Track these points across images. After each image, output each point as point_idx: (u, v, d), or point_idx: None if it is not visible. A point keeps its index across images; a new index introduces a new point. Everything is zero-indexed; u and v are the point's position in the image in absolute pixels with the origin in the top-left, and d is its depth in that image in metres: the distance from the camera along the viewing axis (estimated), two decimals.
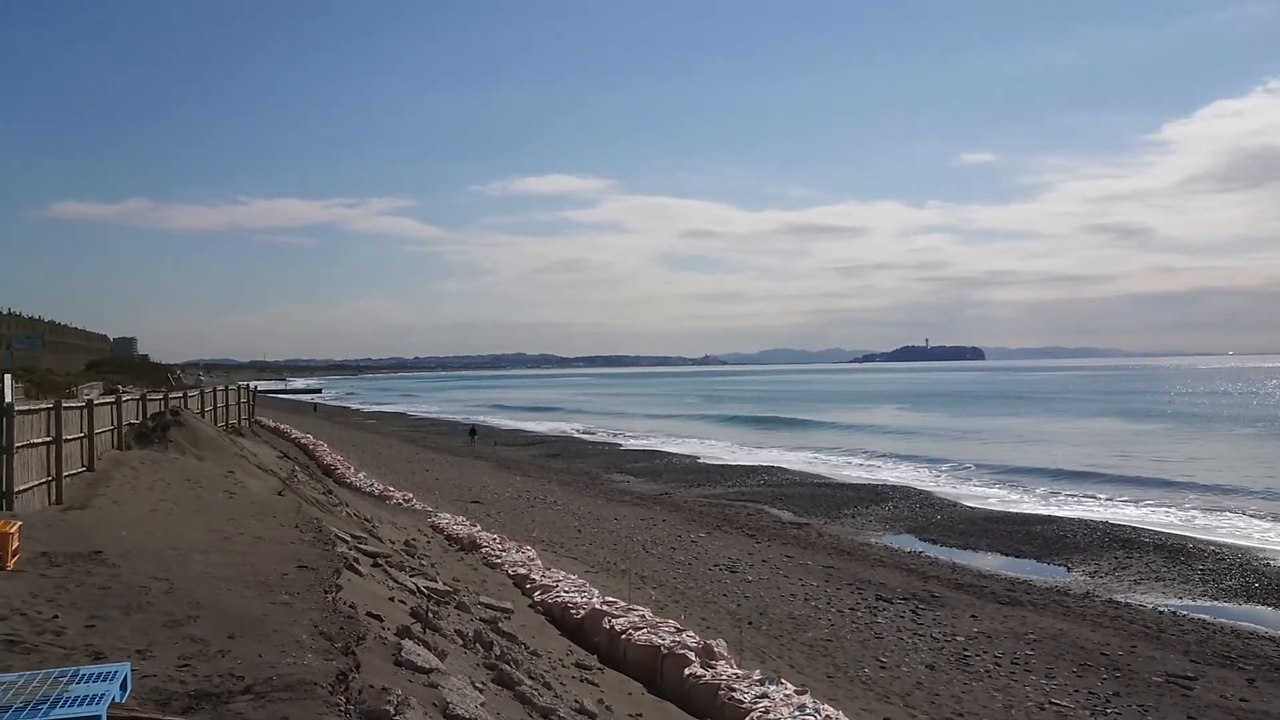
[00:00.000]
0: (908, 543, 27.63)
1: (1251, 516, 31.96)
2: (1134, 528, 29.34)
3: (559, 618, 14.51)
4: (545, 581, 16.34)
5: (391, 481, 32.26)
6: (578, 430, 78.60)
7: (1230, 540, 27.48)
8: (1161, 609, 19.93)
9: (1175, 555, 25.19)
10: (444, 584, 13.40)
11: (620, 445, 63.05)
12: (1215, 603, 20.74)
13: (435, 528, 22.08)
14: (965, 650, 15.96)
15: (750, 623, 16.86)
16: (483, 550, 19.42)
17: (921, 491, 37.89)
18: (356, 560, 11.69)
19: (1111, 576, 23.12)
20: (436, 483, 36.57)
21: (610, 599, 14.75)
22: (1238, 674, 15.32)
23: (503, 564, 18.06)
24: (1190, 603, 20.68)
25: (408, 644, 7.80)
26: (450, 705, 6.64)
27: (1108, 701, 13.59)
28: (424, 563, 15.76)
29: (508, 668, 9.16)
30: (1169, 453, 54.94)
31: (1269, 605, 20.46)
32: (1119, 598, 20.90)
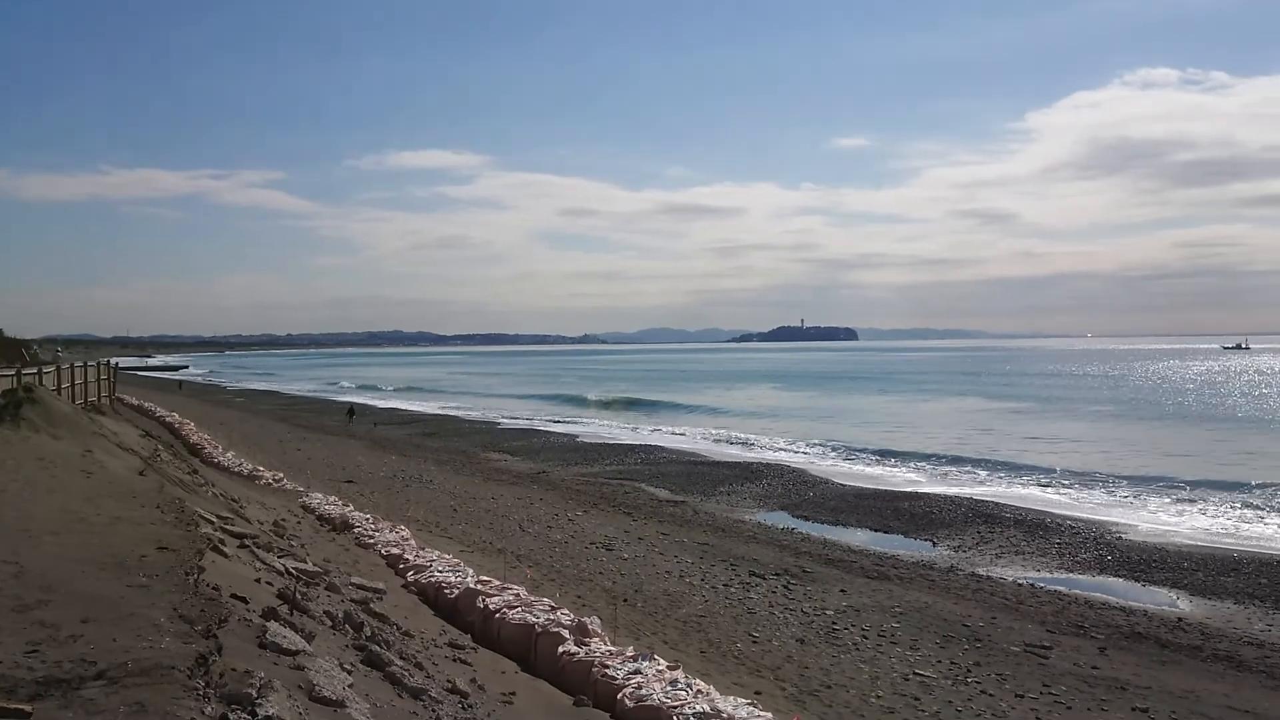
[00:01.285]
0: (781, 519, 28.13)
1: (1105, 492, 33.40)
2: (996, 503, 30.39)
3: (432, 598, 14.37)
4: (419, 561, 16.16)
5: (261, 461, 31.49)
6: (455, 409, 77.84)
7: (1085, 515, 28.67)
8: (1020, 581, 20.70)
9: (1034, 530, 26.18)
10: (314, 565, 13.13)
11: (498, 424, 62.69)
12: (1070, 575, 21.63)
13: (306, 508, 21.64)
14: (834, 624, 16.33)
15: (625, 600, 16.96)
16: (355, 530, 19.10)
17: (795, 469, 38.58)
18: (222, 541, 11.37)
19: (974, 551, 23.91)
20: (309, 462, 35.84)
21: (485, 578, 14.66)
22: (1090, 642, 16.00)
23: (375, 544, 17.80)
24: (1047, 575, 21.52)
25: (273, 626, 7.62)
26: (316, 687, 6.51)
27: (969, 671, 14.05)
28: (293, 544, 15.43)
29: (378, 649, 9.03)
30: (1030, 431, 57.00)
31: (1120, 577, 21.43)
32: (981, 571, 21.63)
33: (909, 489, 33.71)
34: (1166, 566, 22.08)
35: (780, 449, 47.44)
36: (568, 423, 64.61)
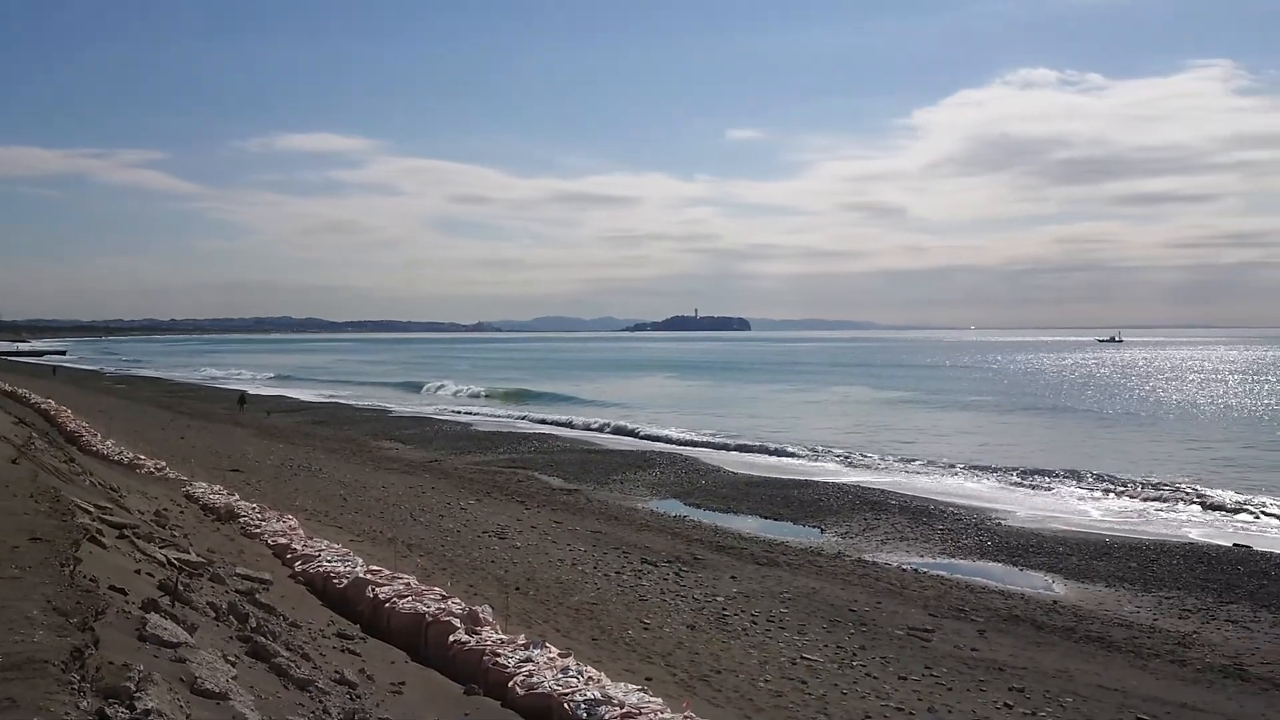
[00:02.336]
0: (673, 507, 28.35)
1: (986, 480, 34.41)
2: (883, 491, 31.08)
3: (321, 588, 14.15)
4: (307, 551, 15.90)
5: (143, 449, 30.58)
6: (345, 397, 76.60)
7: (967, 503, 29.50)
8: (905, 567, 21.23)
9: (918, 516, 26.85)
10: (197, 555, 12.83)
11: (390, 412, 61.88)
12: (952, 560, 22.26)
13: (189, 497, 21.11)
14: (725, 610, 16.53)
15: (517, 588, 16.93)
16: (241, 520, 18.70)
17: (688, 458, 38.88)
18: (100, 531, 11.04)
19: (861, 537, 24.43)
20: (193, 450, 34.94)
21: (375, 568, 14.49)
22: (970, 625, 16.49)
23: (262, 534, 17.45)
24: (930, 560, 22.11)
25: (154, 618, 7.44)
26: (199, 680, 6.39)
27: (854, 655, 14.37)
28: (176, 534, 15.04)
29: (264, 640, 8.88)
30: (916, 421, 58.43)
31: (999, 562, 22.12)
32: (867, 557, 22.11)
33: (799, 477, 34.24)
34: (1043, 551, 22.85)
35: (673, 438, 47.74)
36: (461, 410, 64.11)
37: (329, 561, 15.04)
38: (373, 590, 13.13)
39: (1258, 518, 27.45)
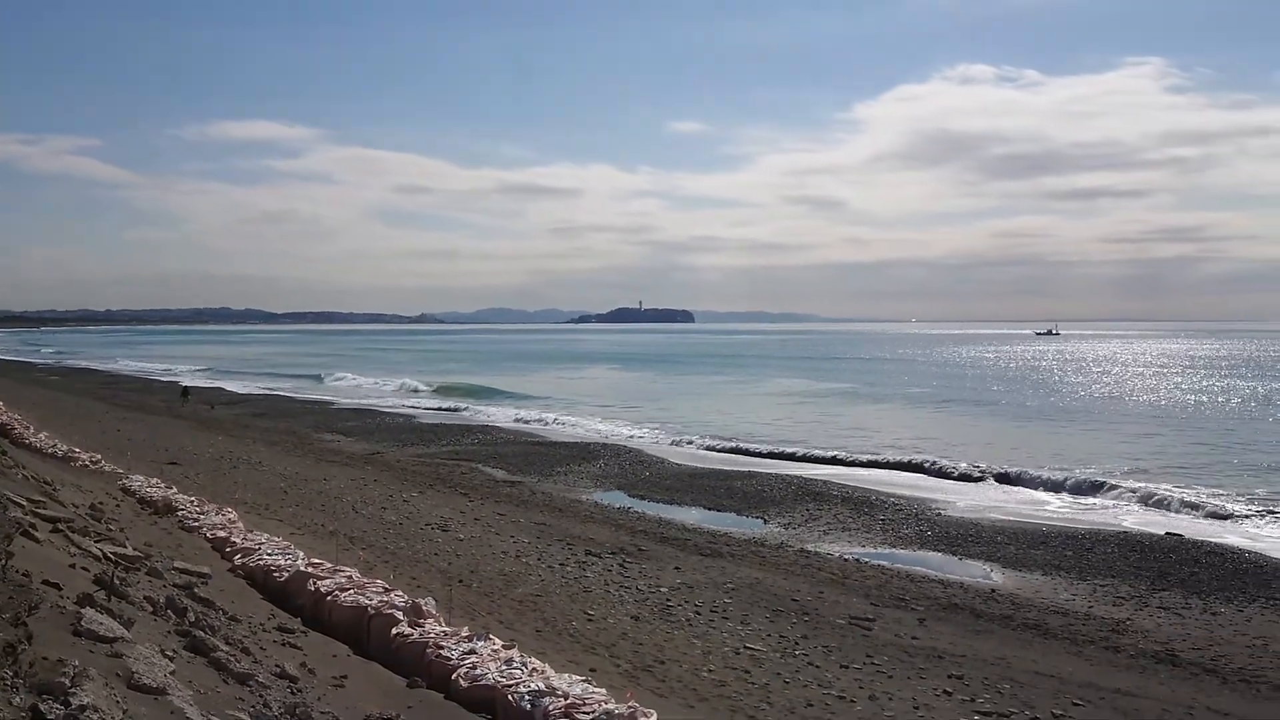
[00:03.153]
0: (618, 499, 28.40)
1: (926, 470, 34.85)
2: (825, 482, 31.36)
3: (261, 581, 13.99)
4: (246, 544, 15.70)
5: (78, 442, 29.98)
6: (286, 389, 75.67)
7: (907, 493, 29.87)
8: (846, 557, 21.45)
9: (860, 507, 27.14)
10: (134, 549, 12.62)
11: (331, 404, 61.24)
12: (893, 550, 22.54)
13: (126, 490, 20.74)
14: (668, 601, 16.60)
15: (461, 581, 16.86)
16: (179, 513, 18.41)
17: (632, 449, 38.96)
18: (33, 525, 10.83)
19: (803, 528, 24.64)
20: (129, 443, 34.32)
21: (316, 560, 14.36)
22: (910, 614, 16.71)
23: (201, 527, 17.21)
24: (872, 550, 22.36)
25: (89, 613, 7.32)
26: (135, 675, 6.30)
27: (796, 644, 14.50)
28: (112, 528, 14.78)
29: (202, 634, 8.76)
30: (858, 413, 58.99)
31: (939, 551, 22.43)
32: (810, 547, 22.31)
33: (742, 468, 34.46)
34: (982, 541, 23.21)
35: (618, 429, 47.79)
36: (403, 402, 63.63)
37: (269, 555, 14.86)
38: (314, 583, 13.01)
39: (1190, 507, 28.05)
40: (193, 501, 19.56)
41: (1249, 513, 27.02)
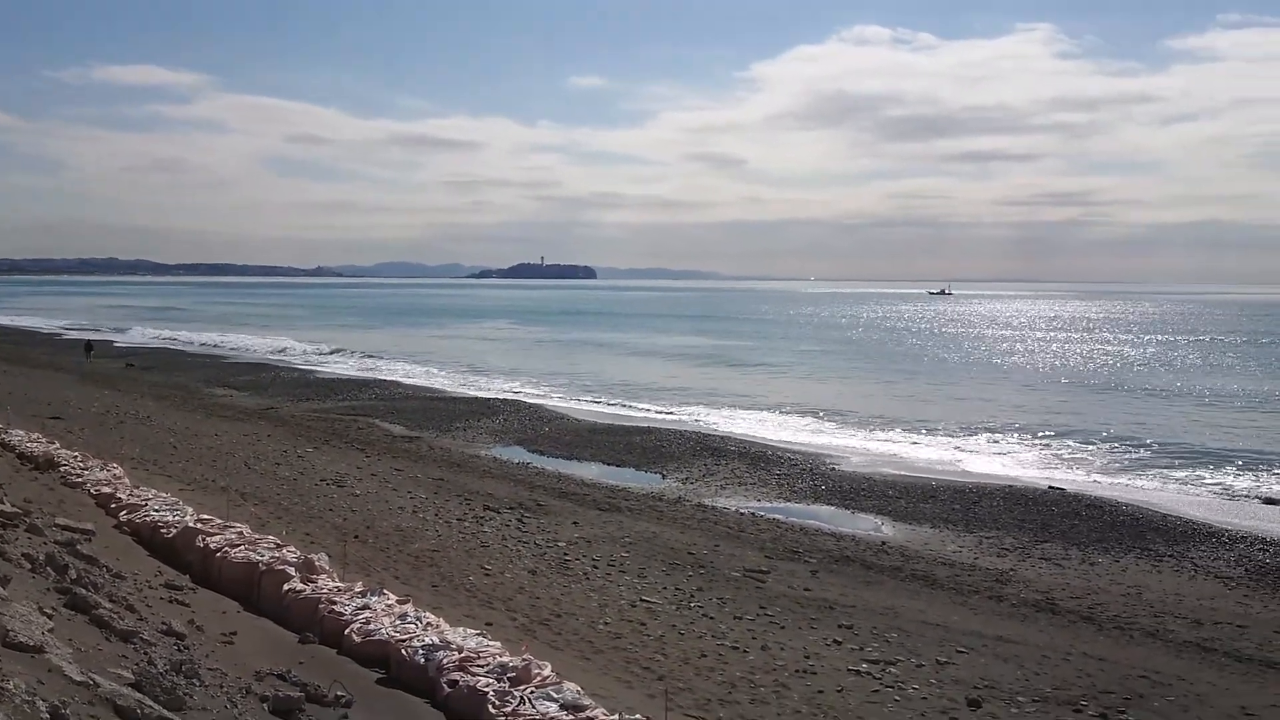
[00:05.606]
0: (517, 454, 28.36)
1: (821, 425, 35.52)
2: (723, 437, 31.74)
3: (148, 538, 13.67)
4: (133, 501, 15.31)
5: None
6: (176, 341, 73.72)
7: (802, 448, 30.40)
8: (742, 511, 21.76)
9: (757, 462, 27.52)
10: (12, 506, 12.21)
11: (223, 358, 59.92)
12: (788, 504, 22.94)
13: (4, 445, 20.00)
14: (566, 555, 16.65)
15: (356, 536, 16.66)
16: (61, 469, 17.85)
17: (532, 405, 38.87)
18: None
19: (701, 482, 24.91)
20: (9, 397, 32.96)
21: (206, 517, 14.05)
22: (803, 566, 17.04)
23: (84, 483, 16.71)
24: (767, 504, 22.72)
25: None
26: (11, 633, 6.12)
27: (692, 596, 14.68)
28: None
29: (84, 591, 8.54)
30: (757, 368, 59.75)
31: (832, 505, 22.90)
32: (707, 501, 22.58)
33: (641, 424, 34.65)
34: (874, 495, 23.74)
35: (518, 384, 47.65)
36: (298, 356, 62.49)
37: (156, 511, 14.52)
38: (203, 540, 12.75)
39: (1072, 462, 29.06)
40: (76, 457, 18.97)
41: (1127, 467, 28.12)
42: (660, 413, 38.52)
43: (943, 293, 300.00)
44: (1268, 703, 11.50)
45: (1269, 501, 24.00)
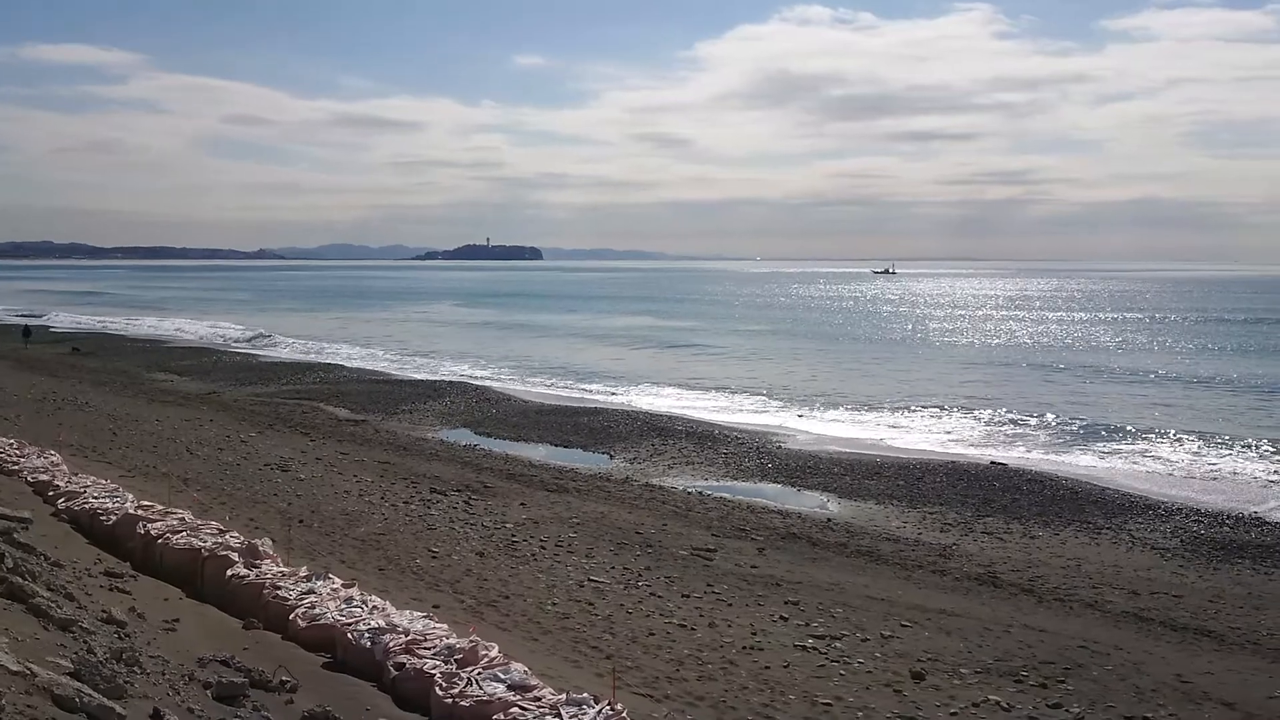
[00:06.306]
0: (464, 436, 28.25)
1: (767, 404, 35.74)
2: (670, 417, 31.85)
3: (87, 525, 13.46)
4: (71, 488, 15.05)
5: None
6: (116, 326, 72.42)
7: (749, 427, 30.59)
8: (690, 490, 21.85)
9: (704, 441, 27.64)
10: None
11: (164, 342, 59.02)
12: (734, 482, 23.08)
13: None
14: (514, 536, 16.63)
15: (301, 521, 16.53)
16: None
17: (479, 387, 38.73)
18: None
19: (649, 462, 24.98)
20: None
21: (147, 503, 13.86)
22: (750, 544, 17.15)
23: (21, 471, 16.41)
24: (714, 483, 22.84)
25: None
26: None
27: (640, 575, 14.73)
28: None
29: (20, 580, 8.37)
30: (702, 348, 59.96)
31: (779, 483, 23.08)
32: (654, 481, 22.64)
33: (589, 405, 34.66)
34: (819, 472, 23.95)
35: (464, 367, 47.43)
36: (241, 340, 61.67)
37: (96, 498, 14.30)
38: (144, 526, 12.59)
39: (1014, 437, 29.51)
40: (12, 444, 18.61)
41: (1067, 442, 28.61)
42: (607, 393, 38.53)
43: (887, 272, 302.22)
44: (1202, 669, 11.78)
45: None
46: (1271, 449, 26.90)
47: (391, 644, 9.23)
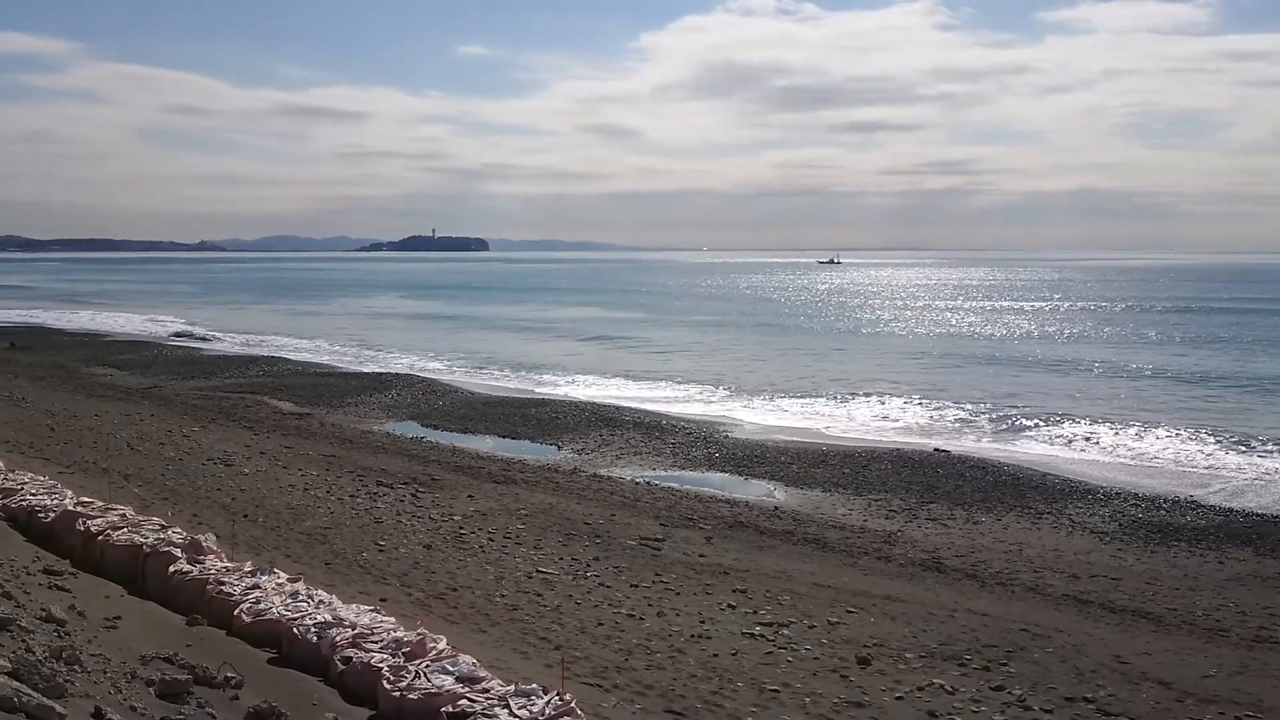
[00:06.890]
0: (410, 429, 28.09)
1: (714, 394, 35.91)
2: (618, 407, 31.87)
3: (24, 523, 13.22)
4: (7, 485, 14.76)
5: None
6: (52, 320, 71.03)
7: (697, 416, 30.73)
8: (638, 480, 21.89)
9: (651, 431, 27.71)
10: None
11: (103, 335, 57.96)
12: (682, 472, 23.18)
13: None
14: (461, 529, 16.58)
15: (245, 516, 16.35)
16: None
17: (425, 379, 38.54)
18: None
19: (596, 453, 24.99)
20: None
21: (86, 500, 13.62)
22: (698, 533, 17.23)
23: None
24: (662, 473, 22.92)
25: None
26: None
27: (588, 565, 14.76)
28: None
29: None
30: (650, 340, 60.02)
31: (726, 472, 23.20)
32: (603, 472, 22.67)
33: (536, 396, 34.62)
34: (766, 461, 24.11)
35: (410, 359, 47.15)
36: (184, 334, 60.75)
37: (33, 495, 14.04)
38: (84, 523, 12.38)
39: (957, 424, 29.90)
40: None
41: (1009, 429, 29.05)
42: (555, 385, 38.49)
43: (832, 262, 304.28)
44: (1140, 650, 12.03)
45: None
46: (1212, 436, 27.44)
47: (338, 638, 9.18)
